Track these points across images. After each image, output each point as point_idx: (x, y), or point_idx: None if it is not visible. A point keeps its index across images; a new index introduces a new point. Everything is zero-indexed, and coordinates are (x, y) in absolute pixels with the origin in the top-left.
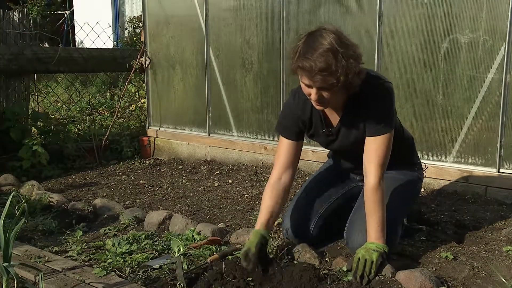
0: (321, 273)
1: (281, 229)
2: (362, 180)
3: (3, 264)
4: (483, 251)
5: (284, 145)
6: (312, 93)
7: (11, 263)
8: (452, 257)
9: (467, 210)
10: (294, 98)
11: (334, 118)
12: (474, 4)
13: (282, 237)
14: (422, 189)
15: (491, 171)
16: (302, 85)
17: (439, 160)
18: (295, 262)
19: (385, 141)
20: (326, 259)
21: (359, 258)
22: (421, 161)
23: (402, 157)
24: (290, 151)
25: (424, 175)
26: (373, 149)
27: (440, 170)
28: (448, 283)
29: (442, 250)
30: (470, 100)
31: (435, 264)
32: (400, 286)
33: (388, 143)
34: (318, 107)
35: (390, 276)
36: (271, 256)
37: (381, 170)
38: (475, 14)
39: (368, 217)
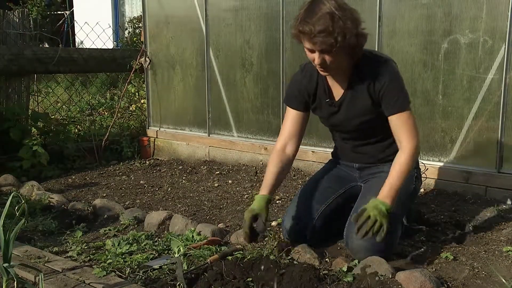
0: (321, 273)
1: (281, 229)
2: (360, 171)
3: (3, 265)
4: (483, 251)
5: (290, 115)
6: (315, 57)
7: (11, 263)
8: (452, 257)
9: (467, 211)
10: (302, 71)
11: (338, 91)
12: (474, 4)
13: (282, 238)
14: (422, 190)
15: (491, 171)
16: (306, 51)
17: (439, 161)
18: (295, 262)
19: (410, 115)
20: (326, 259)
21: (369, 216)
22: (421, 161)
23: (389, 152)
24: (295, 120)
25: (423, 176)
26: (401, 124)
27: (440, 170)
28: (448, 283)
29: (442, 250)
30: (470, 101)
31: (435, 264)
32: (400, 286)
33: (413, 117)
34: (322, 73)
35: (390, 276)
36: (271, 257)
37: (415, 140)
38: (475, 14)
39: (389, 175)
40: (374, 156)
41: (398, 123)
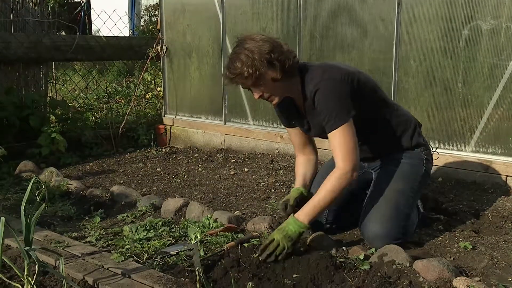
0: (337, 261)
1: None
2: (368, 162)
3: (25, 248)
4: (503, 241)
5: (291, 132)
6: (253, 93)
7: (33, 247)
8: (470, 247)
9: (486, 200)
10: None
11: (304, 111)
12: None
13: None
14: (440, 179)
15: (511, 160)
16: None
17: (458, 150)
18: (311, 250)
19: (343, 133)
20: (343, 247)
21: (273, 239)
22: (438, 150)
23: (399, 137)
24: (298, 135)
25: (433, 157)
26: (336, 144)
27: (459, 159)
28: (467, 272)
29: (460, 239)
30: (491, 89)
31: (453, 253)
32: (418, 275)
33: (348, 133)
34: (272, 103)
35: (408, 265)
36: None
37: (349, 158)
38: (498, 0)
39: (317, 192)
40: (376, 152)
41: (332, 143)
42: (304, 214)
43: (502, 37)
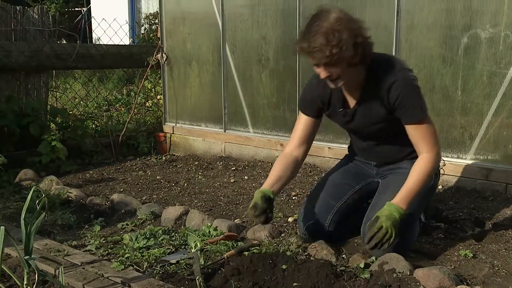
0: (338, 269)
1: (297, 225)
2: (378, 167)
3: (25, 257)
4: (504, 249)
5: (302, 121)
6: (321, 71)
7: (32, 256)
8: (471, 255)
9: (487, 208)
10: (318, 78)
11: (352, 100)
12: None
13: (299, 234)
14: (440, 186)
15: (511, 168)
16: (313, 66)
17: (458, 157)
18: (311, 258)
19: (429, 123)
20: (343, 255)
21: (382, 227)
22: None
23: (406, 149)
24: (306, 127)
25: (441, 172)
26: (423, 133)
27: (458, 167)
28: (468, 281)
29: (461, 248)
30: (490, 96)
31: (454, 262)
32: (418, 283)
33: (432, 123)
34: (331, 85)
35: (408, 273)
36: (288, 253)
37: (437, 144)
38: (496, 8)
39: (408, 179)
40: (392, 156)
41: (416, 134)
42: (403, 200)
43: (500, 45)
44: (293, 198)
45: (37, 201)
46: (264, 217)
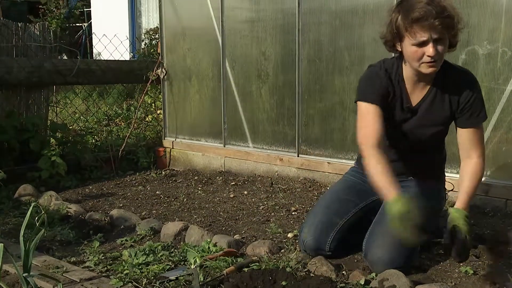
0: (338, 286)
1: (297, 241)
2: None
3: (23, 274)
4: (504, 266)
5: (372, 111)
6: (429, 47)
7: (31, 273)
8: (472, 271)
9: (487, 224)
10: (380, 67)
11: (416, 97)
12: (492, 15)
13: (299, 249)
14: None
15: (511, 184)
16: (412, 50)
17: (457, 172)
18: (311, 275)
19: (483, 132)
20: (343, 272)
21: (466, 237)
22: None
23: (435, 167)
24: (379, 116)
25: (447, 197)
26: (479, 138)
27: (458, 182)
28: None
29: (461, 264)
30: (489, 112)
31: (454, 278)
32: None
33: (483, 135)
34: (430, 69)
35: None
36: (287, 269)
37: (484, 156)
38: (493, 25)
39: (466, 184)
40: (409, 169)
41: (474, 138)
42: (466, 204)
43: (498, 61)
44: (293, 213)
45: (36, 218)
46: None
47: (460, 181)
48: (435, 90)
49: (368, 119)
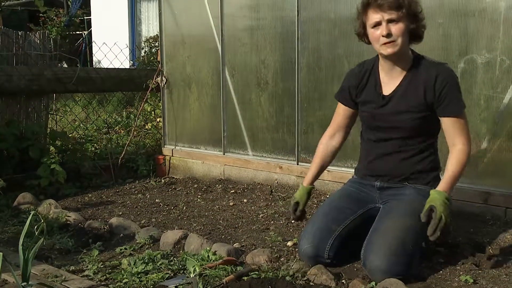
0: None
1: (297, 249)
2: (381, 191)
3: (22, 284)
4: (504, 274)
5: (340, 110)
6: (382, 28)
7: (30, 282)
8: (472, 280)
9: (486, 232)
10: (359, 66)
11: (391, 86)
12: (491, 24)
13: (299, 258)
14: None
15: (511, 192)
16: (371, 32)
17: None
18: (311, 283)
19: (465, 119)
20: (343, 281)
21: (441, 217)
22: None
23: (428, 170)
24: (345, 115)
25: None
26: (460, 127)
27: (457, 190)
28: None
29: (461, 273)
30: (488, 120)
31: (454, 287)
32: None
33: (467, 121)
34: (388, 49)
35: None
36: (287, 278)
37: (470, 139)
38: (491, 34)
39: (448, 166)
40: (403, 169)
41: (456, 126)
42: (447, 185)
43: (497, 70)
44: (292, 221)
45: (35, 227)
46: (301, 214)
47: (446, 167)
48: (409, 77)
49: (335, 115)
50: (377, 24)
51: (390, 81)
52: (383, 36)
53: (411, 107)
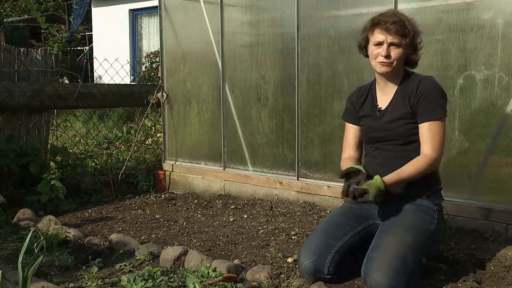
0: None
1: (297, 266)
2: (382, 207)
3: None
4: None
5: (350, 129)
6: (383, 48)
7: None
8: None
9: (488, 249)
10: (358, 88)
11: (386, 99)
12: (489, 41)
13: (299, 274)
14: None
15: (511, 208)
16: (372, 49)
17: (457, 197)
18: None
19: (441, 125)
20: None
21: (366, 189)
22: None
23: (427, 185)
24: (353, 133)
25: (446, 217)
26: (433, 132)
27: (457, 206)
28: None
29: None
30: (487, 136)
31: None
32: None
33: (444, 127)
34: (383, 67)
35: None
36: None
37: (440, 148)
38: (490, 51)
39: (402, 167)
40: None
41: (428, 132)
42: (390, 180)
43: (495, 87)
44: (293, 237)
45: (35, 244)
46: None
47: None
48: (399, 89)
49: (346, 136)
50: (379, 43)
51: (384, 96)
52: (382, 55)
53: (403, 115)
